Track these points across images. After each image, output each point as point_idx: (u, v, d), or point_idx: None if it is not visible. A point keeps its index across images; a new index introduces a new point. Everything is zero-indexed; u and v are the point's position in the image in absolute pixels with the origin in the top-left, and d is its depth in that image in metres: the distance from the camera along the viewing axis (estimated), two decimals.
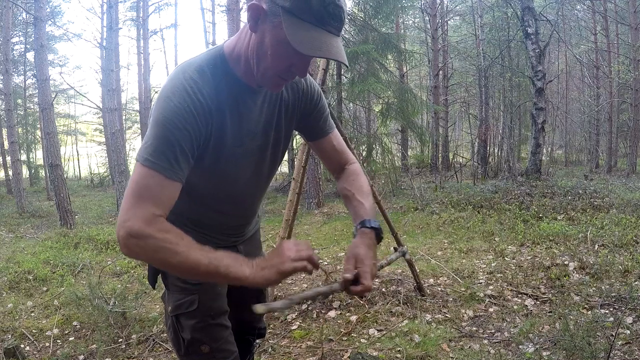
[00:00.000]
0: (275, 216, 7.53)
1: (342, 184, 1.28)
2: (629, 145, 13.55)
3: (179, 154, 0.96)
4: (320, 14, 0.91)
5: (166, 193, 0.96)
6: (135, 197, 0.93)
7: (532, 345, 2.59)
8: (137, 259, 0.96)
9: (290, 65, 0.99)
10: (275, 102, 1.17)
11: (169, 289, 1.27)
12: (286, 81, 1.05)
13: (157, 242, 0.90)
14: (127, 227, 0.90)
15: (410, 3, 12.25)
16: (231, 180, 1.17)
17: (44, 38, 8.27)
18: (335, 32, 0.95)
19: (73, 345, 3.00)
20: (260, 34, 0.97)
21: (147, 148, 0.96)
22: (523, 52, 13.48)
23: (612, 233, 4.86)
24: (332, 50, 0.94)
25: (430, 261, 4.48)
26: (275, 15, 0.93)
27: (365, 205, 1.20)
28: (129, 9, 20.67)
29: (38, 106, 11.22)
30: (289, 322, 3.20)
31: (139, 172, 0.95)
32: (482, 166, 13.56)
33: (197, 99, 0.99)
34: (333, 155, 1.31)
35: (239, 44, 1.05)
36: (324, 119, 1.28)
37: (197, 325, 1.22)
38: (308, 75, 1.23)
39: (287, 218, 3.23)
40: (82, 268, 4.87)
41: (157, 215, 0.93)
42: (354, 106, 11.39)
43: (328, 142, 1.30)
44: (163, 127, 0.96)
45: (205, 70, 1.03)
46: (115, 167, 10.18)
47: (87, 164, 23.83)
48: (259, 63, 1.00)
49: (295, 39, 0.91)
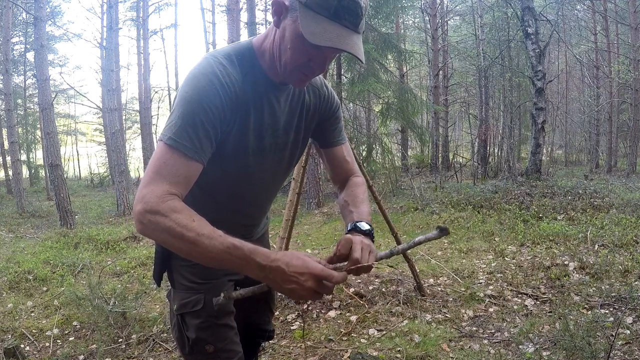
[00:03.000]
0: (275, 216, 7.52)
1: (342, 196, 1.30)
2: (629, 145, 13.54)
3: (202, 135, 0.97)
4: (334, 7, 0.93)
5: (185, 172, 0.95)
6: (154, 174, 0.93)
7: (532, 345, 2.59)
8: (149, 237, 0.93)
9: (309, 60, 1.00)
10: (297, 103, 1.19)
11: (175, 287, 1.26)
12: (307, 76, 1.06)
13: (166, 221, 0.88)
14: (143, 202, 0.90)
15: (410, 3, 12.23)
16: (247, 174, 1.17)
17: (44, 38, 8.27)
18: (352, 26, 0.96)
19: (73, 345, 3.00)
20: (282, 29, 1.00)
21: (171, 127, 0.96)
22: (523, 52, 13.49)
23: (612, 233, 4.86)
24: (344, 42, 0.94)
25: (430, 261, 4.48)
26: (295, 10, 0.96)
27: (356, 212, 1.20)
28: (129, 9, 20.69)
29: (38, 106, 11.22)
30: (289, 322, 3.20)
31: (161, 150, 0.95)
32: (482, 166, 13.56)
33: (225, 83, 1.00)
34: (342, 165, 1.33)
35: (267, 39, 1.07)
36: (338, 129, 1.31)
37: (202, 324, 1.21)
38: (330, 85, 1.27)
39: (287, 218, 3.23)
40: (82, 268, 4.87)
41: (172, 193, 0.92)
42: (354, 106, 11.38)
43: (339, 151, 1.32)
44: (189, 106, 0.96)
45: (234, 59, 1.05)
46: (115, 167, 10.19)
47: (87, 164, 23.86)
48: (281, 57, 1.02)
49: (308, 31, 0.93)
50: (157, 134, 23.20)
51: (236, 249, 0.89)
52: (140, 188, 0.94)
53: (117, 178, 10.02)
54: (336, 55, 1.06)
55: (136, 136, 24.60)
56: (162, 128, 1.00)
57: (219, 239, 0.89)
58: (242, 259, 0.89)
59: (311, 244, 6.05)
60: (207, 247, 0.88)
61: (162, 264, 1.27)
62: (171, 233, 0.88)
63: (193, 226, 0.88)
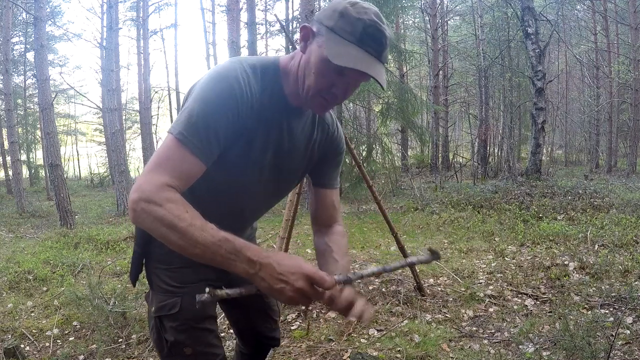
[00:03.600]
0: (275, 216, 7.53)
1: (324, 239, 1.27)
2: (629, 145, 13.55)
3: (213, 138, 0.97)
4: (359, 34, 0.96)
5: (187, 168, 0.95)
6: (156, 165, 0.93)
7: (532, 345, 2.59)
8: (141, 225, 0.91)
9: (332, 85, 1.01)
10: (307, 134, 1.19)
11: (153, 289, 1.26)
12: (329, 102, 1.05)
13: (159, 210, 0.87)
14: (140, 190, 0.89)
15: (410, 3, 12.23)
16: (240, 186, 1.15)
17: (44, 38, 8.27)
18: (375, 54, 0.98)
19: (73, 345, 3.00)
20: (308, 53, 1.02)
21: (183, 122, 0.95)
22: (523, 52, 13.49)
23: (612, 233, 4.86)
24: (368, 66, 0.96)
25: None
26: (321, 35, 0.99)
27: (341, 262, 1.18)
28: (129, 9, 20.69)
29: (38, 106, 11.23)
30: (289, 322, 3.20)
31: (168, 143, 0.95)
32: (482, 166, 13.56)
33: (245, 91, 1.00)
34: (329, 208, 1.32)
35: (292, 62, 1.08)
36: (335, 173, 1.32)
37: (179, 327, 1.20)
38: (340, 127, 1.28)
39: (287, 218, 3.23)
40: (82, 268, 4.87)
41: (170, 185, 0.91)
42: (354, 106, 11.38)
43: (330, 195, 1.32)
44: (206, 107, 0.96)
45: (258, 72, 1.05)
46: (115, 167, 10.18)
47: (87, 164, 23.88)
48: (304, 82, 1.03)
49: (332, 52, 0.96)
50: (157, 134, 23.35)
51: (227, 242, 0.88)
52: (140, 176, 0.94)
53: (117, 178, 10.02)
54: (359, 83, 1.07)
55: (136, 136, 24.61)
56: (175, 120, 0.99)
57: (211, 231, 0.88)
58: (232, 252, 0.88)
59: (311, 244, 6.04)
60: (198, 238, 0.87)
61: (139, 265, 1.27)
62: (163, 222, 0.87)
63: (185, 217, 0.88)
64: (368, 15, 0.97)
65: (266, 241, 5.84)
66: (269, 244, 5.69)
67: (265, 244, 5.68)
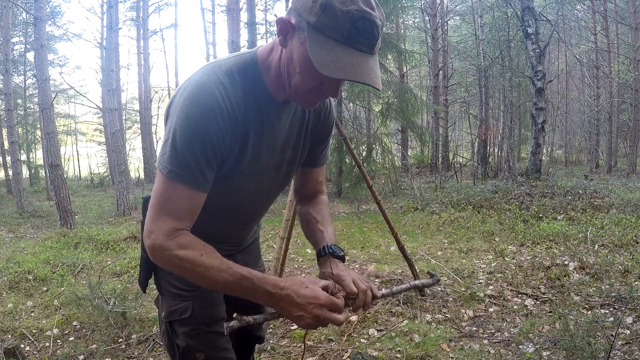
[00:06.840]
0: (275, 216, 7.52)
1: (308, 209, 1.29)
2: (629, 145, 13.55)
3: (204, 165, 0.93)
4: (348, 31, 0.84)
5: (189, 205, 0.94)
6: (159, 210, 0.92)
7: (532, 345, 2.59)
8: (163, 267, 0.98)
9: (320, 84, 0.93)
10: (297, 120, 1.14)
11: (162, 294, 1.24)
12: (319, 99, 1.00)
13: (175, 258, 0.91)
14: (151, 239, 0.92)
15: (410, 3, 12.25)
16: (239, 194, 1.13)
17: (44, 38, 8.27)
18: (367, 49, 0.87)
19: (73, 345, 3.00)
20: (289, 49, 0.92)
21: (170, 157, 0.91)
22: (523, 52, 13.49)
23: (612, 233, 4.86)
24: (359, 71, 0.86)
25: (430, 261, 4.48)
26: (302, 31, 0.88)
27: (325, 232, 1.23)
28: (129, 9, 20.71)
29: (38, 106, 11.21)
30: (288, 321, 3.20)
31: (162, 183, 0.93)
32: (482, 166, 13.56)
33: (225, 108, 0.93)
34: (315, 184, 1.32)
35: (273, 54, 0.99)
36: (325, 152, 1.29)
37: (191, 332, 1.19)
38: (332, 102, 1.20)
39: (287, 218, 3.23)
40: (82, 268, 4.87)
41: (179, 229, 0.92)
42: (354, 106, 11.38)
43: (317, 172, 1.30)
44: (187, 137, 0.90)
45: (235, 77, 0.97)
46: (115, 167, 10.18)
47: (87, 164, 23.86)
48: (290, 80, 0.95)
49: (318, 59, 0.85)
50: (157, 134, 23.35)
51: (245, 279, 0.93)
52: (147, 222, 0.94)
53: (117, 178, 10.01)
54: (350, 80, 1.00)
55: (136, 136, 24.61)
56: (159, 153, 0.94)
57: (229, 270, 0.93)
58: (251, 288, 0.93)
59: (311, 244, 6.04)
60: (217, 280, 0.93)
61: (148, 269, 1.24)
62: (181, 268, 0.93)
63: (202, 261, 0.91)
64: (355, 4, 0.84)
65: (266, 241, 5.84)
66: (269, 244, 5.69)
67: (265, 244, 5.67)
